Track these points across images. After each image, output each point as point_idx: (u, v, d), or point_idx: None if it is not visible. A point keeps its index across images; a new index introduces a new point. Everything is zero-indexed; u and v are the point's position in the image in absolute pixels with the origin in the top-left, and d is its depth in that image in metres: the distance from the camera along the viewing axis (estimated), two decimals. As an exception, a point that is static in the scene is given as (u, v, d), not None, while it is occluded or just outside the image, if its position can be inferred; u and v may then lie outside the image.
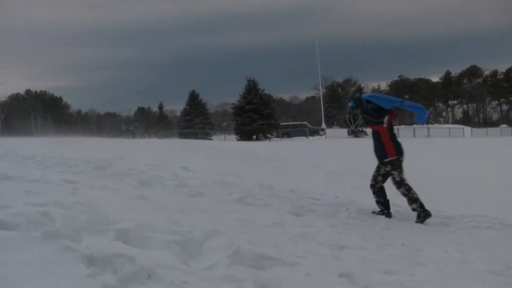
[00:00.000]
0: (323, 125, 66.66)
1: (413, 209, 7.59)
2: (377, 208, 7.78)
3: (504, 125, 73.79)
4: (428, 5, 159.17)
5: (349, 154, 27.25)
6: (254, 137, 56.30)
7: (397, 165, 7.68)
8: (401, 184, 7.67)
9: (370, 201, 8.65)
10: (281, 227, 5.39)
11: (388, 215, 7.63)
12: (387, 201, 7.77)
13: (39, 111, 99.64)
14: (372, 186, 7.84)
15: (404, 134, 54.01)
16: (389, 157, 7.65)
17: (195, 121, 63.80)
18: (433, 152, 30.52)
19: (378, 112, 7.76)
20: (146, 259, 2.97)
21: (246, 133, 56.54)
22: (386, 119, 7.71)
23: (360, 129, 59.32)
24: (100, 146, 18.20)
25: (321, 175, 14.99)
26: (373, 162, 7.88)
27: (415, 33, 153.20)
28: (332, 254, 4.37)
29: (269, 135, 57.20)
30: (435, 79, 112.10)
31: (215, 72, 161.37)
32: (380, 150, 7.75)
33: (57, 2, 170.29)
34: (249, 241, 4.04)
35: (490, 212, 8.86)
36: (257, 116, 55.92)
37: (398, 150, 7.72)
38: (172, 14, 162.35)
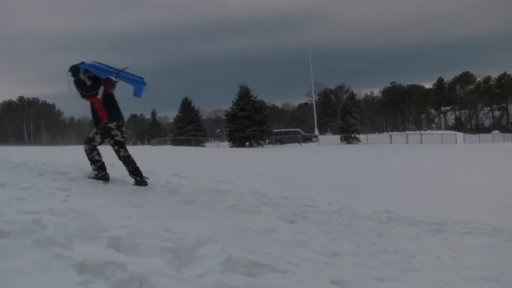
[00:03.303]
0: (316, 132, 66.81)
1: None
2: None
3: (496, 131, 74.10)
4: (421, 12, 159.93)
5: (341, 161, 27.30)
6: (247, 144, 56.30)
7: (100, 126, 7.72)
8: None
9: (364, 208, 8.67)
10: (274, 234, 5.39)
11: (105, 177, 7.71)
12: (103, 163, 7.82)
13: (31, 118, 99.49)
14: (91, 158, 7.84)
15: (397, 141, 54.32)
16: (102, 121, 7.70)
17: (188, 128, 63.61)
18: (426, 158, 30.63)
19: (94, 82, 7.68)
20: (138, 266, 2.96)
21: (239, 140, 56.53)
22: (101, 90, 7.65)
23: (354, 135, 59.57)
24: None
25: (314, 182, 15.00)
26: (365, 169, 7.89)
27: (408, 39, 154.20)
28: (325, 260, 4.36)
29: (261, 142, 57.20)
30: (428, 85, 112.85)
31: (208, 79, 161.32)
32: (94, 117, 7.80)
33: (50, 10, 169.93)
34: (242, 248, 4.03)
35: (482, 219, 8.89)
36: (249, 123, 55.89)
37: (111, 117, 7.73)
38: (165, 21, 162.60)
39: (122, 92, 7.89)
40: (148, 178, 7.95)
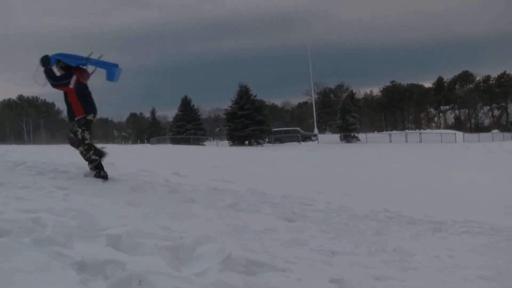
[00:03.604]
0: (315, 131, 66.77)
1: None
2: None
3: (496, 130, 74.00)
4: (420, 11, 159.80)
5: (340, 160, 27.30)
6: (247, 143, 56.29)
7: (82, 123, 7.66)
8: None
9: (362, 207, 8.66)
10: (273, 233, 5.39)
11: (104, 176, 7.70)
12: (99, 161, 7.79)
13: (31, 117, 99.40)
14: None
15: (396, 140, 54.32)
16: (77, 116, 7.65)
17: (187, 126, 63.52)
18: (425, 157, 30.63)
19: (66, 71, 7.66)
20: (137, 265, 2.96)
21: (238, 139, 56.51)
22: (73, 79, 7.62)
23: (353, 134, 59.58)
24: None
25: (313, 181, 14.99)
26: (364, 168, 7.89)
27: (408, 39, 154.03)
28: (324, 260, 4.37)
29: (261, 141, 57.17)
30: (428, 84, 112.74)
31: (208, 77, 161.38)
32: (69, 110, 7.75)
33: (49, 8, 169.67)
34: (241, 247, 4.03)
35: (481, 218, 8.90)
36: (249, 122, 55.84)
37: (87, 109, 7.68)
38: (165, 21, 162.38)
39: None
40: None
